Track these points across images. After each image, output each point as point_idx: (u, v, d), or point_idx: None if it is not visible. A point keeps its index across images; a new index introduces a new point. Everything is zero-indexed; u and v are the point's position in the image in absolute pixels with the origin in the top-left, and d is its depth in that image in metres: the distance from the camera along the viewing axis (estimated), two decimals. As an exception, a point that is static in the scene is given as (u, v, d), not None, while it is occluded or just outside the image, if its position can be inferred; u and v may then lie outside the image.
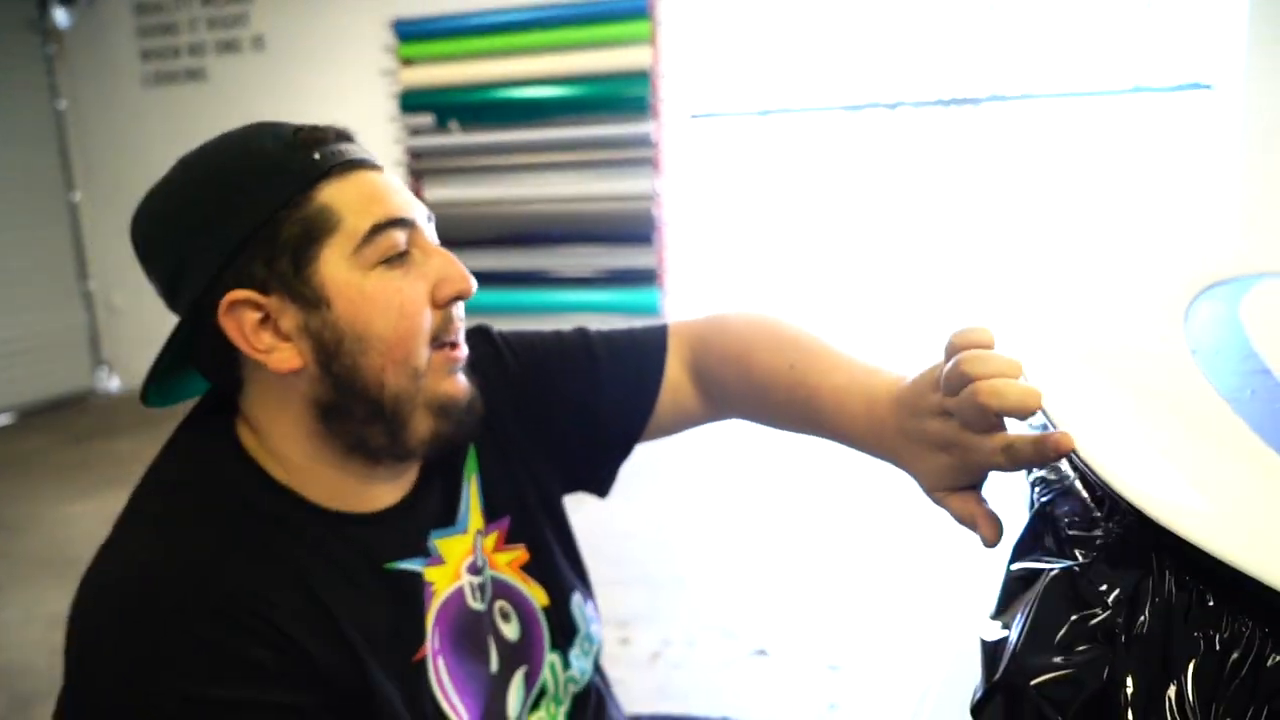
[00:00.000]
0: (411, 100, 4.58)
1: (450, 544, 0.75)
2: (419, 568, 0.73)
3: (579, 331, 0.88)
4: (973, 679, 0.47)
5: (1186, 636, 0.41)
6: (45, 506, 3.53)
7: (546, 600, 0.81)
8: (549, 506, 0.85)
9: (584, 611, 0.85)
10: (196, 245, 0.64)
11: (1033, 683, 0.43)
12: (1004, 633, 0.46)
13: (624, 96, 4.22)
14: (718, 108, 4.39)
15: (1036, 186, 4.01)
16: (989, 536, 0.61)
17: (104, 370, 5.50)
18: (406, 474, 0.74)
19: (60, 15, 5.25)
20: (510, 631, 0.78)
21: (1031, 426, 0.68)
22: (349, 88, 4.78)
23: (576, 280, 4.47)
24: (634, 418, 0.85)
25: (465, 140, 4.51)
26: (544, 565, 0.82)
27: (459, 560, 0.75)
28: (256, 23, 4.94)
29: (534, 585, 0.81)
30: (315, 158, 0.64)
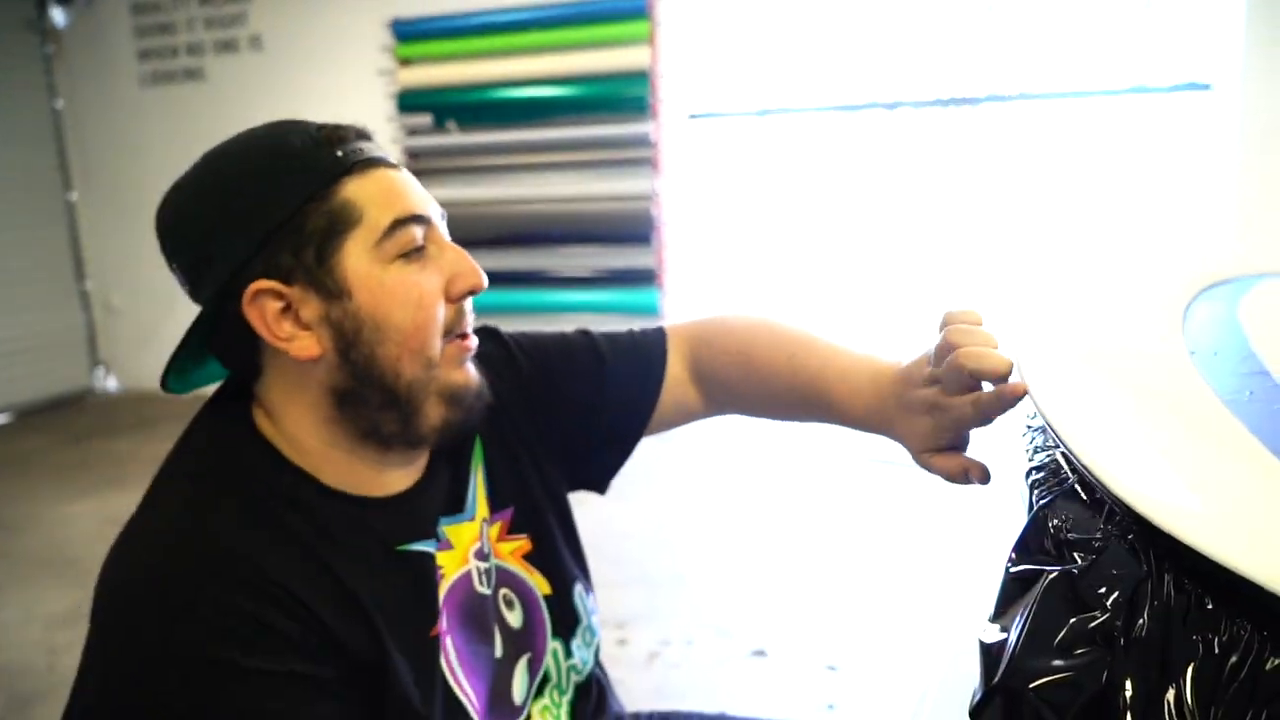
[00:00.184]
0: (409, 100, 4.58)
1: (458, 530, 0.78)
2: (430, 549, 0.75)
3: (582, 333, 0.92)
4: (971, 681, 0.47)
5: (1185, 639, 0.41)
6: (43, 506, 3.53)
7: (549, 589, 0.84)
8: (553, 500, 0.87)
9: (585, 603, 0.88)
10: (224, 236, 0.67)
11: (1031, 685, 0.43)
12: (1002, 635, 0.46)
13: (623, 96, 4.22)
14: (717, 108, 4.39)
15: (1035, 187, 4.01)
16: (978, 477, 0.70)
17: (101, 370, 5.49)
18: (416, 462, 0.77)
19: (58, 15, 5.25)
20: (514, 619, 0.81)
21: (1031, 427, 0.68)
22: (347, 87, 4.78)
23: (575, 280, 4.47)
24: (638, 415, 0.90)
25: (463, 140, 4.51)
26: (547, 555, 0.85)
27: (467, 546, 0.78)
28: (254, 22, 4.94)
29: (536, 574, 0.84)
30: (339, 155, 0.68)
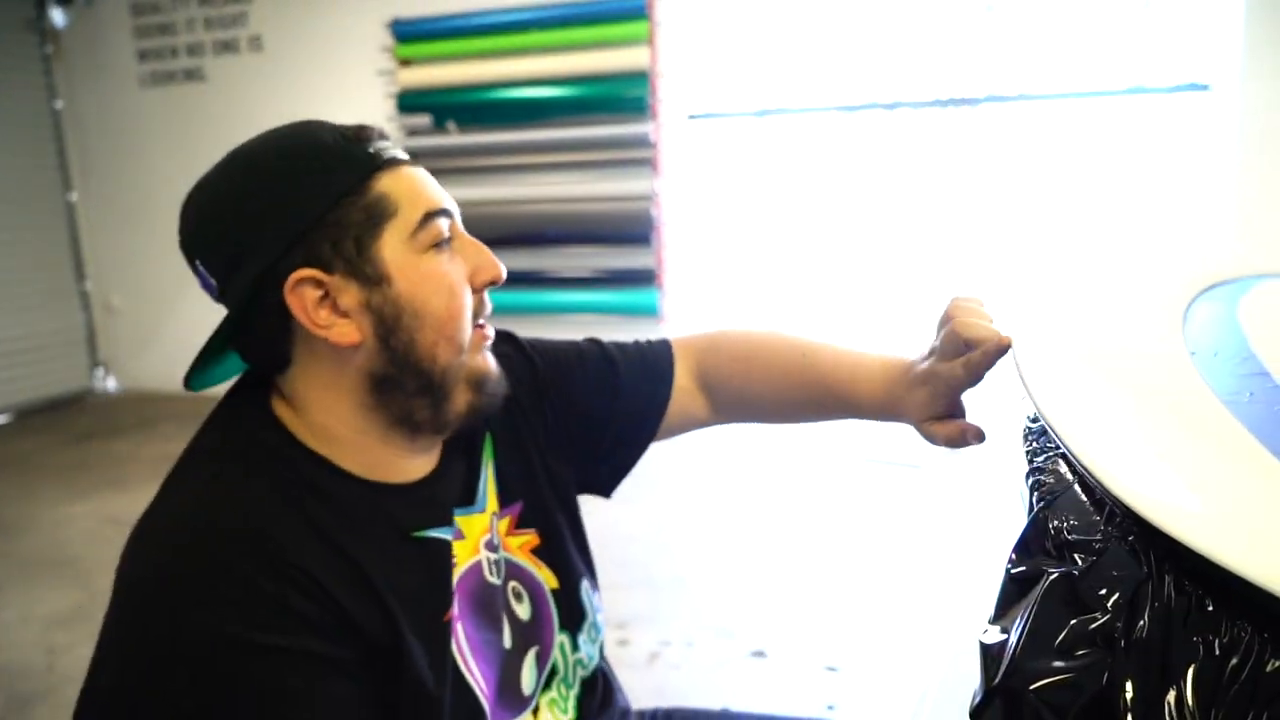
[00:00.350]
0: (409, 100, 4.58)
1: (470, 521, 0.81)
2: (447, 536, 0.78)
3: (593, 341, 0.96)
4: (971, 682, 0.47)
5: (1186, 641, 0.40)
6: (43, 507, 3.53)
7: (556, 583, 0.87)
8: (562, 498, 0.90)
9: (591, 600, 0.90)
10: (264, 228, 0.69)
11: (1032, 687, 0.43)
12: (1003, 636, 0.46)
13: (622, 97, 4.22)
14: (716, 108, 4.39)
15: (1035, 188, 4.01)
16: (975, 438, 0.78)
17: (101, 370, 5.48)
18: (432, 452, 0.80)
19: (57, 15, 5.25)
20: (523, 611, 0.83)
21: (1031, 428, 0.68)
22: (347, 88, 4.78)
23: (575, 281, 4.47)
24: (647, 423, 0.93)
25: (463, 141, 4.51)
26: (554, 550, 0.87)
27: (478, 536, 0.81)
28: (254, 23, 4.94)
29: (544, 569, 0.87)
30: (370, 151, 0.71)
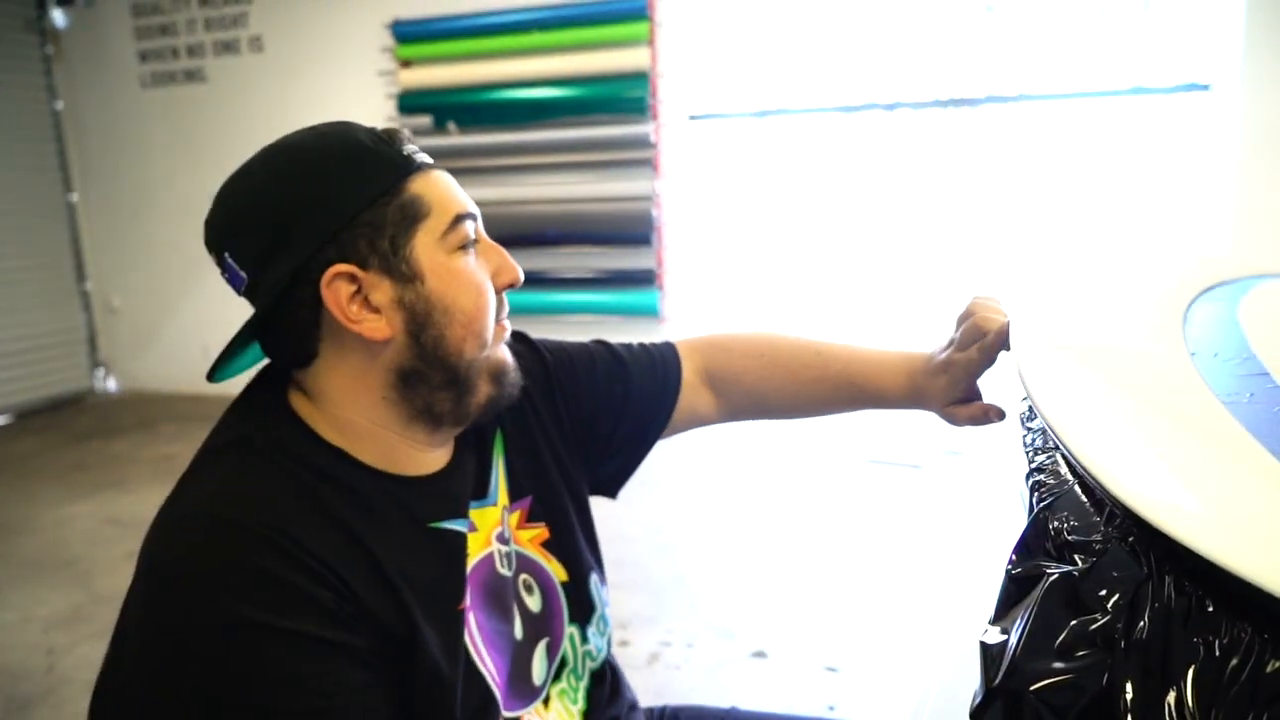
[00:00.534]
0: (409, 101, 4.58)
1: (483, 514, 0.83)
2: (462, 529, 0.79)
3: (601, 343, 0.99)
4: (972, 683, 0.47)
5: (1186, 642, 0.40)
6: (42, 507, 3.53)
7: (566, 576, 0.89)
8: (573, 493, 0.92)
9: (600, 593, 0.92)
10: (301, 223, 0.71)
11: (1032, 688, 0.43)
12: (1003, 637, 0.46)
13: (622, 98, 4.22)
14: (716, 109, 4.39)
15: (1035, 188, 4.01)
16: (996, 416, 0.87)
17: (101, 371, 5.49)
18: (446, 447, 0.82)
19: (58, 16, 5.26)
20: (533, 603, 0.85)
21: (1031, 429, 0.68)
22: (347, 89, 4.78)
23: (575, 281, 4.47)
24: (655, 421, 0.97)
25: (463, 141, 4.51)
26: (564, 544, 0.89)
27: (490, 529, 0.83)
28: (255, 24, 4.95)
29: (554, 562, 0.88)
30: (405, 154, 0.74)
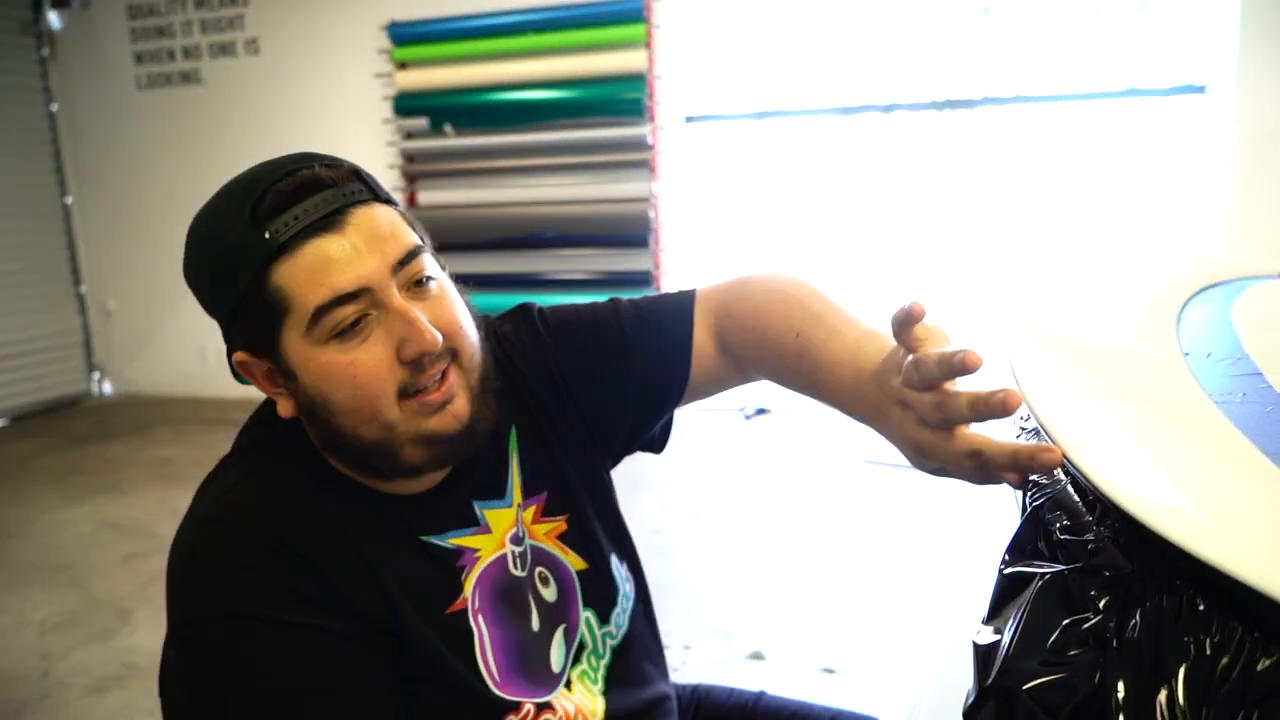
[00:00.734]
0: (406, 103, 4.58)
1: (497, 515, 0.84)
2: (460, 540, 0.81)
3: (611, 303, 0.93)
4: (966, 683, 0.47)
5: (1177, 641, 0.41)
6: (38, 511, 3.52)
7: (583, 565, 0.89)
8: (586, 478, 0.92)
9: (620, 573, 0.93)
10: (206, 301, 0.75)
11: (1025, 687, 0.43)
12: (996, 637, 0.47)
13: (619, 100, 4.23)
14: (713, 111, 4.40)
15: (1031, 189, 4.02)
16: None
17: (97, 374, 5.48)
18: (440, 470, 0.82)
19: (54, 18, 5.25)
20: (549, 594, 0.87)
21: (1025, 429, 0.68)
22: (343, 91, 4.78)
23: (572, 283, 4.47)
24: (667, 383, 0.91)
25: (460, 143, 4.51)
26: (581, 535, 0.90)
27: (503, 531, 0.84)
28: (251, 26, 4.95)
29: (571, 554, 0.89)
30: (266, 237, 0.67)
